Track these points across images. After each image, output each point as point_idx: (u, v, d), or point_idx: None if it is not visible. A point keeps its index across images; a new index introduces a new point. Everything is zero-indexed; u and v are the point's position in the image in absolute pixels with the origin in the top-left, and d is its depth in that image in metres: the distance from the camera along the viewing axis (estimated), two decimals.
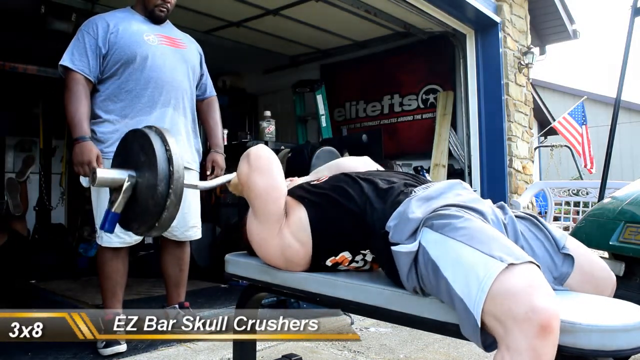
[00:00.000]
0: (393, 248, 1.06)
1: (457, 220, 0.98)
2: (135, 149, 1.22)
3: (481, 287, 0.85)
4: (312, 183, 1.32)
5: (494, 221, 1.11)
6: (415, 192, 1.16)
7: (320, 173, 1.54)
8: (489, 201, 1.19)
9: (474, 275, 0.87)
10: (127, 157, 1.26)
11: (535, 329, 0.80)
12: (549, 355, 0.81)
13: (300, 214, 1.23)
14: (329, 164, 1.63)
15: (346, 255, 1.22)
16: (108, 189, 1.93)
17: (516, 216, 1.19)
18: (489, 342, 0.88)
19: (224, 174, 2.32)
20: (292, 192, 1.29)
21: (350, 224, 1.18)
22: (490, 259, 0.87)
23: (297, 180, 1.52)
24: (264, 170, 1.24)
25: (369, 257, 1.24)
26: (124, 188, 1.20)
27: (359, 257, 1.23)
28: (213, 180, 1.53)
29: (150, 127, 1.22)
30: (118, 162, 1.32)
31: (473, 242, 0.92)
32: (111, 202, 1.25)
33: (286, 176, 1.34)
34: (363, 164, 1.54)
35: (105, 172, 1.23)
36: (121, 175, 1.21)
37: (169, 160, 1.14)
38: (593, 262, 1.16)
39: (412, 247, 1.01)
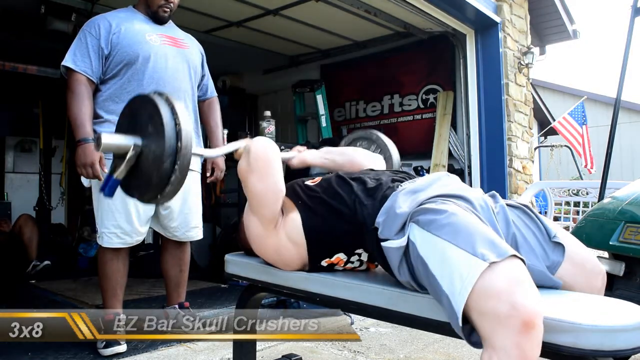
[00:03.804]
0: (383, 244, 1.07)
1: (442, 216, 0.99)
2: (144, 117, 1.14)
3: (464, 285, 0.87)
4: (306, 184, 1.32)
5: (483, 207, 1.12)
6: (402, 186, 1.17)
7: (331, 154, 1.60)
8: (479, 190, 1.20)
9: (458, 274, 0.89)
10: (134, 123, 1.19)
11: (518, 326, 0.81)
12: (534, 352, 0.82)
13: (294, 216, 1.24)
14: (343, 149, 1.69)
15: (341, 256, 1.23)
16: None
17: (508, 205, 1.20)
18: (474, 339, 0.89)
19: (224, 175, 2.33)
20: (288, 193, 1.29)
21: (342, 225, 1.19)
22: (473, 258, 0.89)
23: (305, 152, 1.60)
24: (261, 173, 1.24)
25: (364, 257, 1.24)
26: (128, 156, 1.15)
27: (354, 258, 1.24)
28: (220, 148, 1.45)
29: (160, 95, 1.15)
30: (124, 126, 1.25)
31: (457, 241, 0.93)
32: (113, 168, 1.20)
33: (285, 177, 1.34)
34: (372, 161, 1.56)
35: (110, 138, 1.16)
36: (127, 142, 1.15)
37: (178, 135, 1.08)
38: (583, 254, 1.17)
39: (400, 242, 1.03)
